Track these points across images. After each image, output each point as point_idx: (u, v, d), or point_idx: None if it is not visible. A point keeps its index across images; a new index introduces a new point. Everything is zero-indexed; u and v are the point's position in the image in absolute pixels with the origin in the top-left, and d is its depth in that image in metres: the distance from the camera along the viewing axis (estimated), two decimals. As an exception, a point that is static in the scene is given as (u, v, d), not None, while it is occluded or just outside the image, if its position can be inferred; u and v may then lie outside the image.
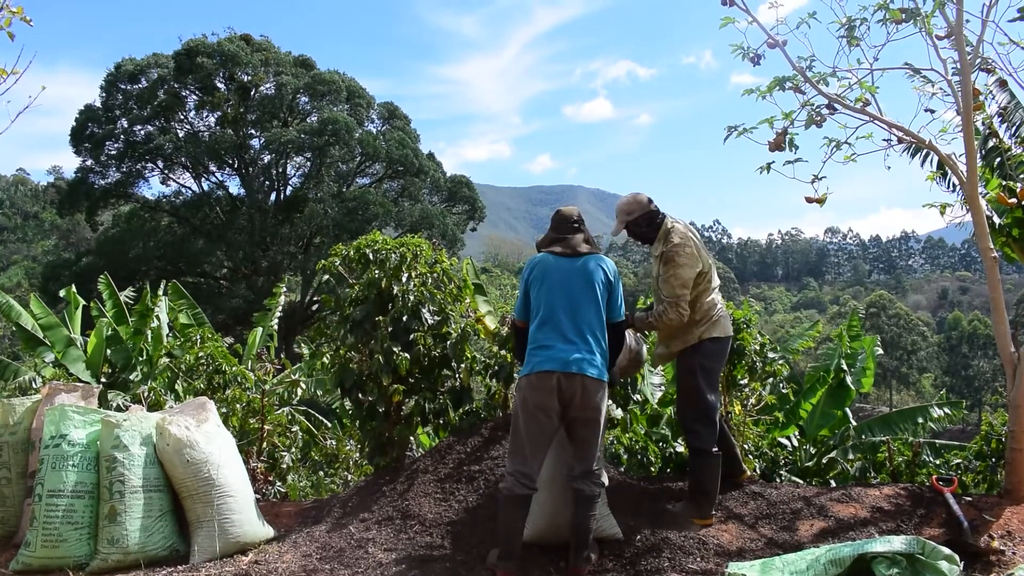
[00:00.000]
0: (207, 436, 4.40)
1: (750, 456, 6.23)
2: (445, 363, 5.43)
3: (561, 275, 3.92)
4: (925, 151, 6.32)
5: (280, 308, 10.31)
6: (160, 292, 9.90)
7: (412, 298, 5.23)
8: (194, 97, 27.52)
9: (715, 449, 4.44)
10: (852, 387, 7.71)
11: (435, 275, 5.49)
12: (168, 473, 4.29)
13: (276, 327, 10.15)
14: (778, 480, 6.26)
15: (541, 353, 3.80)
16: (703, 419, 4.43)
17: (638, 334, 4.78)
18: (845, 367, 7.72)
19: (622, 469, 5.54)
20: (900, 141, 5.18)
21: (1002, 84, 6.65)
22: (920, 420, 7.42)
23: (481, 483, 4.62)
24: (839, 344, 7.99)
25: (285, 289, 10.64)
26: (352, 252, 5.49)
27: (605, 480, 3.95)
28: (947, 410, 7.55)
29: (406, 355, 5.08)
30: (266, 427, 6.16)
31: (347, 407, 7.29)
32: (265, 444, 6.13)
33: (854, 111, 4.88)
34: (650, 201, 4.64)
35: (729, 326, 4.67)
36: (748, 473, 4.91)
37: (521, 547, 3.80)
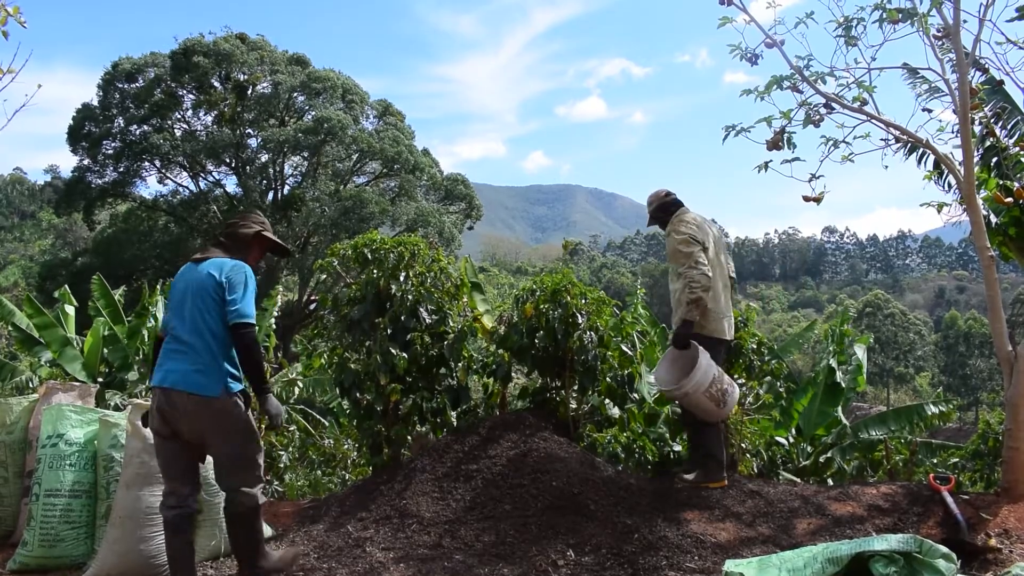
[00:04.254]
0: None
1: (748, 455, 6.24)
2: (443, 362, 5.43)
3: (182, 284, 3.64)
4: (922, 150, 6.34)
5: (278, 308, 10.29)
6: (158, 291, 9.88)
7: (410, 297, 5.22)
8: (191, 96, 27.48)
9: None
10: (844, 386, 7.74)
11: (433, 274, 5.49)
12: (166, 472, 4.28)
13: (274, 327, 10.14)
14: (776, 479, 6.27)
15: (156, 369, 3.57)
16: None
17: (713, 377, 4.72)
18: (836, 366, 7.74)
19: (619, 468, 5.55)
20: (897, 140, 5.19)
21: (999, 84, 6.65)
22: (915, 419, 7.45)
23: (479, 481, 4.62)
24: (829, 343, 8.01)
25: (282, 289, 10.63)
26: (350, 251, 5.49)
27: (253, 495, 3.59)
28: (942, 408, 7.57)
29: (404, 354, 5.09)
30: (263, 426, 6.15)
31: (345, 406, 7.29)
32: (262, 443, 6.12)
33: (852, 110, 4.88)
34: (667, 194, 5.22)
35: (721, 328, 4.95)
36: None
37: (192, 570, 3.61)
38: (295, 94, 27.58)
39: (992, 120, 6.56)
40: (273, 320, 10.08)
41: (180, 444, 3.53)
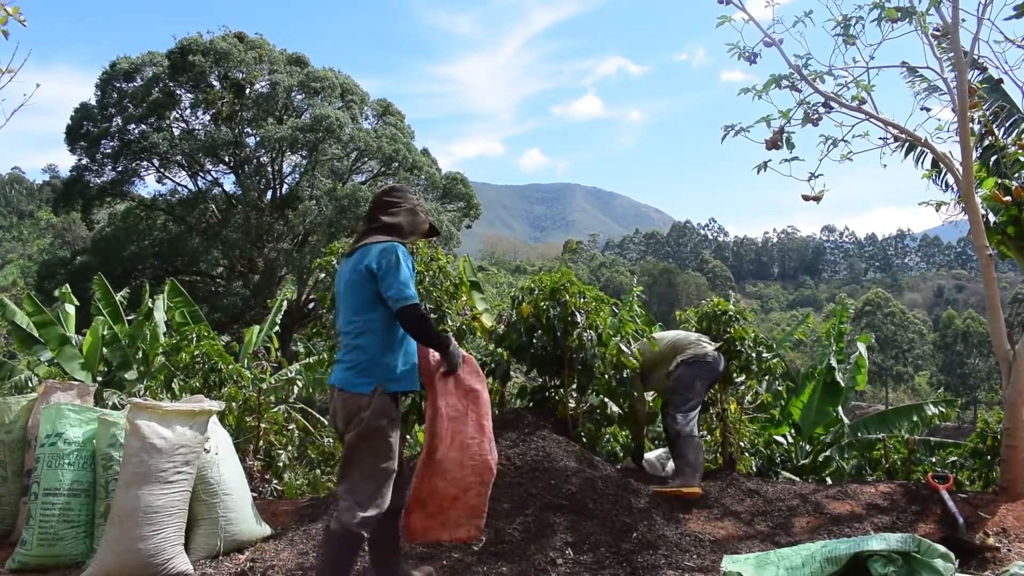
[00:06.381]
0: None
1: (746, 453, 6.25)
2: (442, 361, 5.41)
3: (339, 284, 3.55)
4: (921, 149, 6.34)
5: (282, 311, 10.33)
6: (163, 291, 9.90)
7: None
8: (189, 95, 27.41)
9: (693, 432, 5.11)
10: (843, 385, 7.75)
11: (431, 273, 5.48)
12: (165, 471, 4.27)
13: (277, 330, 10.14)
14: (774, 477, 6.28)
15: None
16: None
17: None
18: (836, 365, 7.75)
19: (618, 466, 5.56)
20: (896, 139, 5.20)
21: (998, 82, 6.66)
22: (915, 419, 7.47)
23: (478, 481, 4.62)
24: (829, 342, 8.03)
25: (290, 287, 10.68)
26: (348, 250, 5.48)
27: (357, 515, 3.19)
28: (942, 408, 7.59)
29: (403, 353, 5.07)
30: (263, 425, 6.15)
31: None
32: (262, 442, 6.12)
33: (850, 109, 4.89)
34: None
35: (696, 351, 5.30)
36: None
37: None
38: (293, 93, 27.53)
39: (991, 119, 6.57)
40: (278, 318, 10.10)
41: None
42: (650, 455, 5.66)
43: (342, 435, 3.38)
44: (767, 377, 6.25)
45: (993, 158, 6.31)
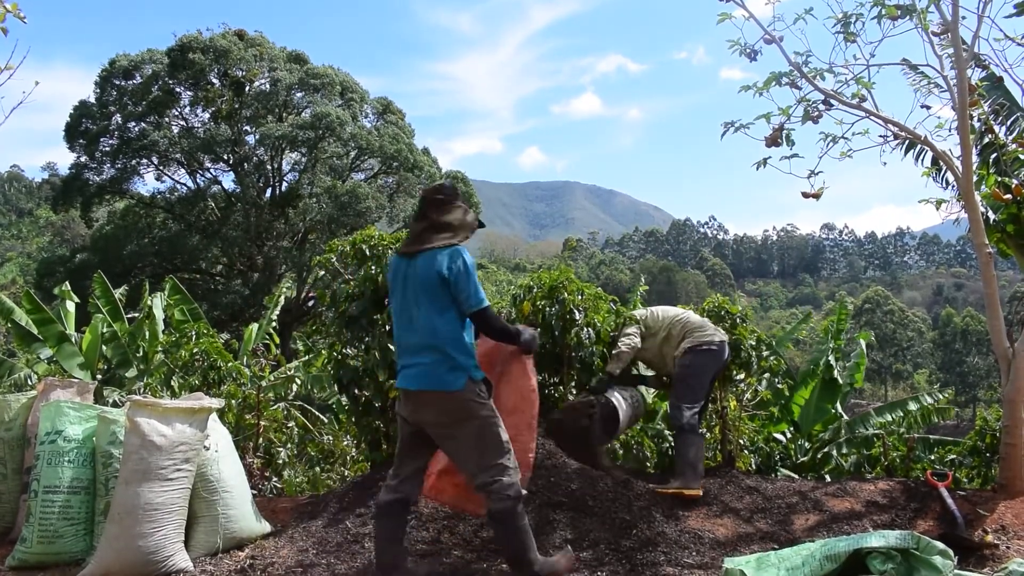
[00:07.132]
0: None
1: (745, 451, 6.25)
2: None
3: (399, 280, 3.62)
4: (920, 147, 6.35)
5: (279, 308, 10.33)
6: (162, 289, 9.90)
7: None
8: (188, 93, 27.38)
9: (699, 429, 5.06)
10: (841, 381, 7.76)
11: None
12: (164, 469, 4.27)
13: (276, 326, 10.15)
14: (774, 475, 6.28)
15: (399, 371, 3.64)
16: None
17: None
18: (834, 362, 7.76)
19: (617, 463, 5.56)
20: (896, 137, 5.20)
21: (998, 80, 6.66)
22: (912, 407, 7.49)
23: (477, 478, 4.63)
24: (827, 339, 8.05)
25: (286, 287, 10.68)
26: (348, 247, 5.49)
27: (509, 488, 3.43)
28: (937, 396, 7.62)
29: (402, 350, 5.08)
30: (262, 423, 6.15)
31: (344, 403, 7.29)
32: (261, 440, 6.12)
33: (850, 107, 4.90)
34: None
35: (704, 338, 5.18)
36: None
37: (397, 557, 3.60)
38: (293, 91, 27.49)
39: (991, 117, 6.57)
40: (275, 316, 10.11)
41: (418, 434, 3.60)
42: (616, 393, 5.26)
43: (419, 428, 3.57)
44: (766, 375, 6.26)
45: (993, 156, 6.32)
